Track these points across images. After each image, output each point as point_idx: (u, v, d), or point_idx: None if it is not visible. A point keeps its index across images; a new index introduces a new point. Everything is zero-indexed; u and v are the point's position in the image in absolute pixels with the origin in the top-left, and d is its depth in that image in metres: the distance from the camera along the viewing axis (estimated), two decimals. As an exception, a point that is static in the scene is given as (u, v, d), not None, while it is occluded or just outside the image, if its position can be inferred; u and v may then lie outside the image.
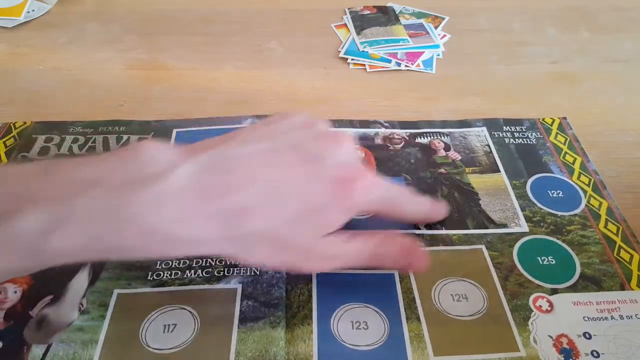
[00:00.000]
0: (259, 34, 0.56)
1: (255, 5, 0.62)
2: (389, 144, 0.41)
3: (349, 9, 0.60)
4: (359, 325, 0.29)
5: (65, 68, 0.50)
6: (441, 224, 0.35)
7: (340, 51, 0.53)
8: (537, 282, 0.31)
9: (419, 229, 0.34)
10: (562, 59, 0.52)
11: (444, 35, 0.56)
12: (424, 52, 0.53)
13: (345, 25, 0.58)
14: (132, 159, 0.24)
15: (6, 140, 0.41)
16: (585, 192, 0.37)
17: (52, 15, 0.59)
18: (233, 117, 0.43)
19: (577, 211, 0.36)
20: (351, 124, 0.43)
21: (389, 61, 0.51)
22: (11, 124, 0.43)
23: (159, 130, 0.42)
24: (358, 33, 0.55)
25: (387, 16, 0.58)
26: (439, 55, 0.53)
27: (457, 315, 0.29)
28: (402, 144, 0.41)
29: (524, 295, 0.30)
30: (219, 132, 0.42)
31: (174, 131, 0.42)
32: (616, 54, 0.53)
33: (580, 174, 0.39)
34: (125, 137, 0.42)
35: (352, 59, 0.52)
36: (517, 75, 0.49)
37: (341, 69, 0.51)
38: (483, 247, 0.33)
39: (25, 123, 0.43)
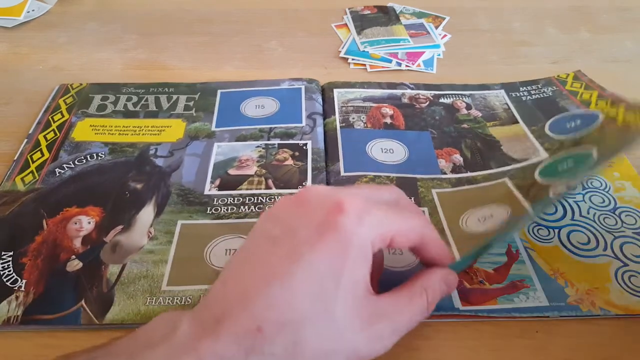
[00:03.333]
0: (259, 34, 0.56)
1: (255, 5, 0.62)
2: (415, 103, 0.44)
3: (349, 8, 0.60)
4: (394, 251, 0.32)
5: (65, 68, 0.50)
6: (466, 167, 0.37)
7: (340, 51, 0.53)
8: (556, 181, 0.31)
9: (445, 174, 0.36)
10: (563, 58, 0.52)
11: (445, 35, 0.56)
12: (424, 52, 0.53)
13: (346, 25, 0.58)
14: (141, 335, 0.23)
15: (66, 98, 0.45)
16: (602, 111, 0.37)
17: (52, 15, 0.59)
18: (272, 80, 0.47)
19: (594, 126, 0.35)
20: (379, 85, 0.47)
21: (390, 61, 0.51)
22: (69, 85, 0.47)
23: (205, 91, 0.46)
24: (358, 33, 0.55)
25: (387, 16, 0.58)
26: (439, 55, 0.53)
27: (485, 231, 0.31)
28: (427, 103, 0.45)
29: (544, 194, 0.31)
30: (259, 93, 0.45)
31: (218, 92, 0.46)
32: (617, 54, 0.53)
33: (597, 101, 0.41)
34: (174, 96, 0.45)
35: (353, 59, 0.52)
36: (517, 75, 0.49)
37: (342, 69, 0.51)
38: (506, 179, 0.36)
39: (81, 84, 0.46)
